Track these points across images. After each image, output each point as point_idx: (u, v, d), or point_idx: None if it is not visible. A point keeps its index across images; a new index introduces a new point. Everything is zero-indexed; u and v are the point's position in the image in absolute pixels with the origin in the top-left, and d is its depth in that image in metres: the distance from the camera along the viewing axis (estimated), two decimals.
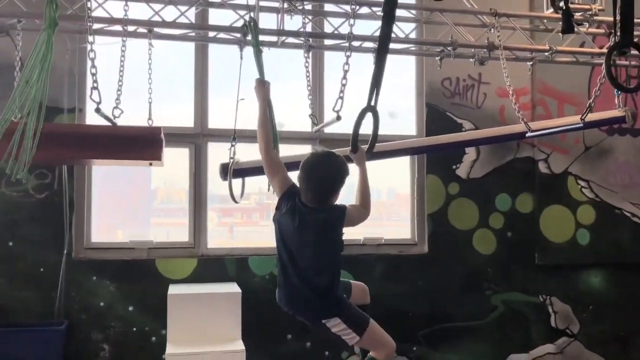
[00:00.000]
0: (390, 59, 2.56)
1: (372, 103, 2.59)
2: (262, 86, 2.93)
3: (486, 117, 4.82)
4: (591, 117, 3.44)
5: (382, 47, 2.52)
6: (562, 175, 4.96)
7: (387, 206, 4.92)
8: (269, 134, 2.90)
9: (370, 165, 4.69)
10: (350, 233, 4.65)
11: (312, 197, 2.70)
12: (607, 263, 4.98)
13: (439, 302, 4.66)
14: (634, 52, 2.41)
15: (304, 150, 4.52)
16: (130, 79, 3.05)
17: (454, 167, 4.79)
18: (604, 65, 2.24)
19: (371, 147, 2.81)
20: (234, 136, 3.14)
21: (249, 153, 3.34)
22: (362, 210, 2.85)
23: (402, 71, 4.88)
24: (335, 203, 2.78)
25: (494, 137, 3.90)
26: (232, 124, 3.16)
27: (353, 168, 2.91)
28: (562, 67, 4.42)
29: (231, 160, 3.14)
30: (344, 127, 4.64)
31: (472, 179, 4.81)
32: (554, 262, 4.87)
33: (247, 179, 3.29)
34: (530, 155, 4.91)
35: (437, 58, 3.70)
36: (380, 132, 4.64)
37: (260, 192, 4.76)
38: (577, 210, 4.96)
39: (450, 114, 4.80)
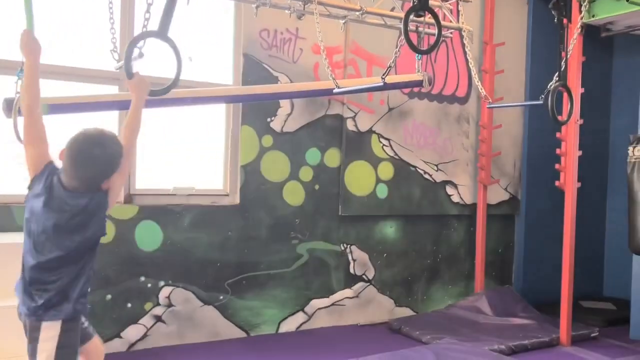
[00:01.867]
0: (208, 3, 2.42)
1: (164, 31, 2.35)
2: (35, 39, 2.40)
3: (301, 72, 4.92)
4: (393, 78, 3.69)
5: None
6: (367, 134, 5.30)
7: (199, 156, 4.81)
8: (39, 91, 2.36)
9: (185, 112, 4.58)
10: (159, 182, 4.54)
11: (78, 185, 2.24)
12: (400, 215, 5.49)
13: (248, 252, 4.75)
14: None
15: (105, 91, 4.21)
16: None
17: (268, 119, 4.83)
18: (401, 26, 2.38)
19: (174, 84, 2.56)
20: (21, 68, 2.77)
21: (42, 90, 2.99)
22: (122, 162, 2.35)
23: (221, 19, 4.74)
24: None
25: (304, 91, 4.00)
26: (18, 55, 2.78)
27: None
28: (374, 29, 4.64)
29: (17, 96, 2.78)
30: (159, 70, 4.44)
31: (286, 132, 4.91)
32: (355, 214, 5.23)
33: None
34: (339, 112, 5.15)
35: (253, 5, 3.64)
36: (195, 79, 4.57)
37: None
38: (378, 166, 5.36)
39: (267, 66, 4.80)
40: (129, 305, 4.30)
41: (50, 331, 2.21)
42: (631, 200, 4.55)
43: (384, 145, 5.39)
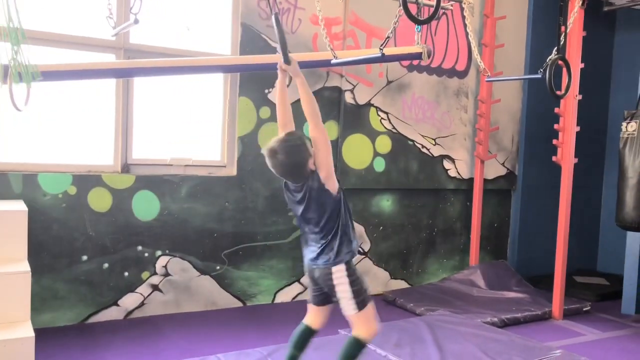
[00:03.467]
0: None
1: None
2: (295, 63, 2.80)
3: (299, 43, 4.88)
4: (391, 50, 3.66)
5: None
6: (365, 106, 5.28)
7: (197, 127, 4.79)
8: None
9: (182, 83, 4.55)
10: (156, 153, 4.54)
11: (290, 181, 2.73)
12: (397, 189, 5.51)
13: (245, 223, 4.78)
14: None
15: (100, 59, 4.18)
16: None
17: (266, 91, 4.80)
18: None
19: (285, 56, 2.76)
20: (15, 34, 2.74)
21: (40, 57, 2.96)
22: (317, 137, 2.68)
23: None
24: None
25: (304, 61, 3.95)
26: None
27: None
28: (373, 0, 4.60)
29: (11, 62, 2.74)
30: (157, 39, 4.40)
31: None
32: (352, 187, 5.24)
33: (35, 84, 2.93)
34: (338, 85, 5.12)
35: None
36: (192, 49, 4.53)
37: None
38: (376, 139, 5.35)
39: (265, 37, 4.76)
40: (126, 274, 4.34)
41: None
42: (621, 175, 4.58)
43: (382, 118, 5.37)
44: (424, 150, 5.63)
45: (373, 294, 5.40)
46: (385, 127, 5.40)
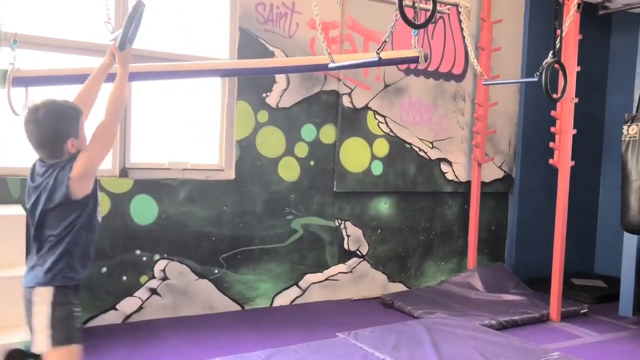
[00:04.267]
0: None
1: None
2: (129, 53, 2.48)
3: (297, 47, 4.90)
4: (388, 54, 3.68)
5: None
6: (363, 110, 5.30)
7: (195, 131, 4.81)
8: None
9: (181, 87, 4.56)
10: (154, 157, 4.54)
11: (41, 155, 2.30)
12: (394, 192, 5.53)
13: (243, 226, 4.78)
14: None
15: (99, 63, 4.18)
16: None
17: (264, 95, 4.82)
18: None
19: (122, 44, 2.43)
20: (14, 39, 2.76)
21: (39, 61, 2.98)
22: (104, 128, 2.30)
23: None
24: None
25: (301, 65, 3.98)
26: (11, 26, 2.77)
27: None
28: (371, 5, 4.62)
29: (11, 67, 2.77)
30: (157, 44, 4.41)
31: (281, 108, 4.91)
32: (350, 190, 5.25)
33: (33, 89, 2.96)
34: (335, 89, 5.14)
35: None
36: (191, 53, 4.55)
37: None
38: (373, 143, 5.37)
39: (263, 41, 4.78)
40: (125, 278, 4.34)
41: None
42: (624, 178, 4.59)
43: (379, 122, 5.39)
44: (422, 153, 5.65)
45: (371, 297, 5.49)
46: (383, 131, 5.41)
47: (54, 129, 2.21)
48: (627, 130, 4.55)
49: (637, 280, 5.12)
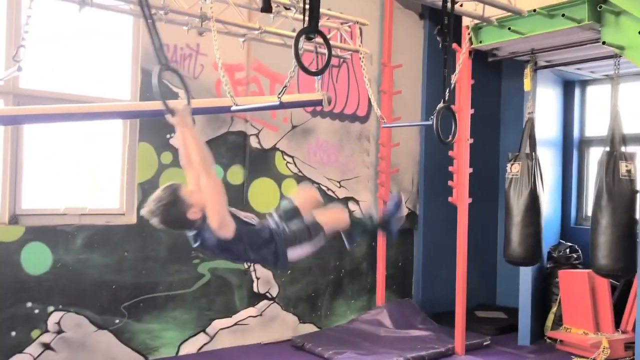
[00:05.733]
0: (104, 16, 2.31)
1: None
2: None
3: (202, 88, 4.87)
4: (291, 97, 3.73)
5: None
6: (271, 151, 5.32)
7: (93, 174, 4.61)
8: None
9: (78, 129, 4.38)
10: (49, 202, 4.30)
11: None
12: None
13: (146, 273, 4.59)
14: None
15: None
16: None
17: (167, 136, 4.72)
18: (293, 47, 2.43)
19: None
20: None
21: None
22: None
23: (118, 32, 4.61)
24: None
25: (206, 108, 3.95)
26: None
27: None
28: (276, 48, 4.67)
29: None
30: (52, 85, 4.23)
31: None
32: None
33: None
34: (243, 129, 5.14)
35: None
36: (88, 94, 4.39)
37: None
38: (282, 183, 5.38)
39: (166, 82, 4.70)
40: (14, 333, 4.02)
41: None
42: (507, 213, 4.92)
43: (287, 162, 5.43)
44: (330, 192, 5.73)
45: (282, 340, 5.39)
46: (291, 171, 5.45)
47: None
48: (510, 168, 4.88)
49: (533, 310, 5.40)
